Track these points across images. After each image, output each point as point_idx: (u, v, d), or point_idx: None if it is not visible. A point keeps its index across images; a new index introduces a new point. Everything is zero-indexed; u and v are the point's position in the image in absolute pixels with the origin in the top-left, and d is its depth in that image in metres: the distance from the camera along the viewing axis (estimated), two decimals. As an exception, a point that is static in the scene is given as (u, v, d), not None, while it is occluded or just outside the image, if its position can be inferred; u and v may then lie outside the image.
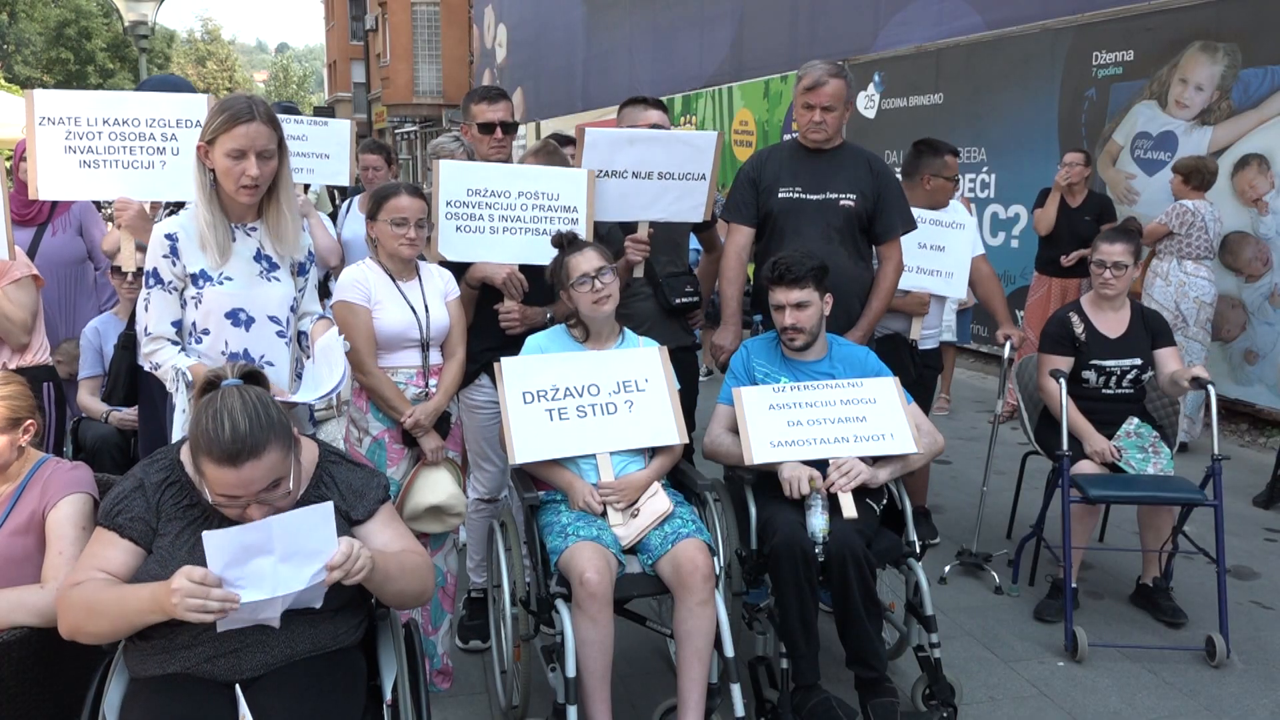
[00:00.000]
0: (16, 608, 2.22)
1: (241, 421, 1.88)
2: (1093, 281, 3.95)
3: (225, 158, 2.48)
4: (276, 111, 4.75)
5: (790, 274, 3.11)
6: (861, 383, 3.17)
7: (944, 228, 4.21)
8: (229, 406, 1.90)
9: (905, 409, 3.12)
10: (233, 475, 1.87)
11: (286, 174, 2.62)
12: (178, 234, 2.56)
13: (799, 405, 3.11)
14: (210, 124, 2.48)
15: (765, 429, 3.08)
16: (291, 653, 1.98)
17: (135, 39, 11.10)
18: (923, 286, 4.17)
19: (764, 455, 3.04)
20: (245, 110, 2.46)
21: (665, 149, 3.51)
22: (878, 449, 3.07)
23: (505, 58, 23.64)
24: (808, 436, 3.07)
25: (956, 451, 5.79)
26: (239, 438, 1.86)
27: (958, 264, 4.23)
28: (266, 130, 2.48)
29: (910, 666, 3.22)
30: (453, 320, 3.16)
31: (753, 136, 12.09)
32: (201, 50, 59.74)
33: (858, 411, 3.11)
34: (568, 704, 2.56)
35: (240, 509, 1.94)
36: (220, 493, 1.92)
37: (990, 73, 8.41)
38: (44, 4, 32.78)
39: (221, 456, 1.86)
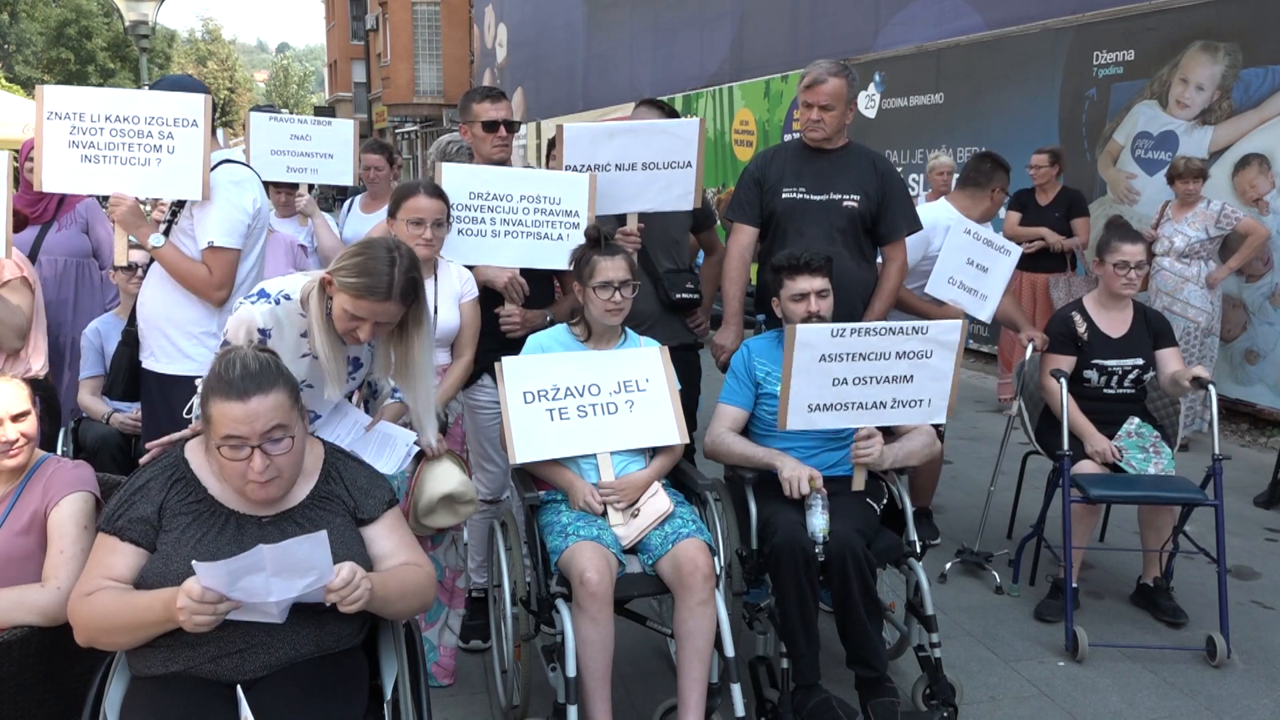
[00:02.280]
0: (17, 606, 2.22)
1: (252, 363, 2.01)
2: (1108, 281, 3.87)
3: (344, 315, 2.34)
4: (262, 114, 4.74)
5: (813, 263, 3.13)
6: (927, 328, 3.01)
7: (995, 250, 4.09)
8: (241, 354, 2.03)
9: (958, 362, 3.04)
10: (240, 409, 1.94)
11: (424, 337, 2.48)
12: (271, 330, 2.43)
13: (854, 356, 2.96)
14: (342, 271, 2.31)
15: (807, 387, 2.96)
16: (294, 654, 1.98)
17: (136, 39, 11.11)
18: (958, 302, 4.02)
19: (799, 421, 2.98)
20: (383, 289, 2.29)
21: (647, 139, 3.51)
22: (909, 418, 3.06)
23: (506, 57, 23.64)
24: (847, 400, 2.99)
25: (957, 451, 5.79)
26: (248, 374, 1.98)
27: (994, 289, 4.10)
28: (397, 309, 2.36)
29: (911, 666, 3.22)
30: (464, 322, 3.15)
31: (753, 136, 12.09)
32: (202, 50, 59.74)
33: (908, 368, 3.00)
34: (568, 703, 2.56)
35: (244, 461, 1.96)
36: (226, 432, 1.95)
37: (991, 73, 8.41)
38: (45, 4, 32.81)
39: (231, 391, 1.96)
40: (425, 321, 2.46)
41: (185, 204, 3.18)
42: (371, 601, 1.94)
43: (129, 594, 1.94)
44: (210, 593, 1.78)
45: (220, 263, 3.12)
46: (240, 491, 2.04)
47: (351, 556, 2.07)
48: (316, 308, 2.38)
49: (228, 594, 1.79)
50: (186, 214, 3.18)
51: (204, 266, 3.12)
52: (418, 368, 2.50)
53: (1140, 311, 3.95)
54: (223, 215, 3.12)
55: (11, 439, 2.36)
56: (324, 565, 1.83)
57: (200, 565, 1.78)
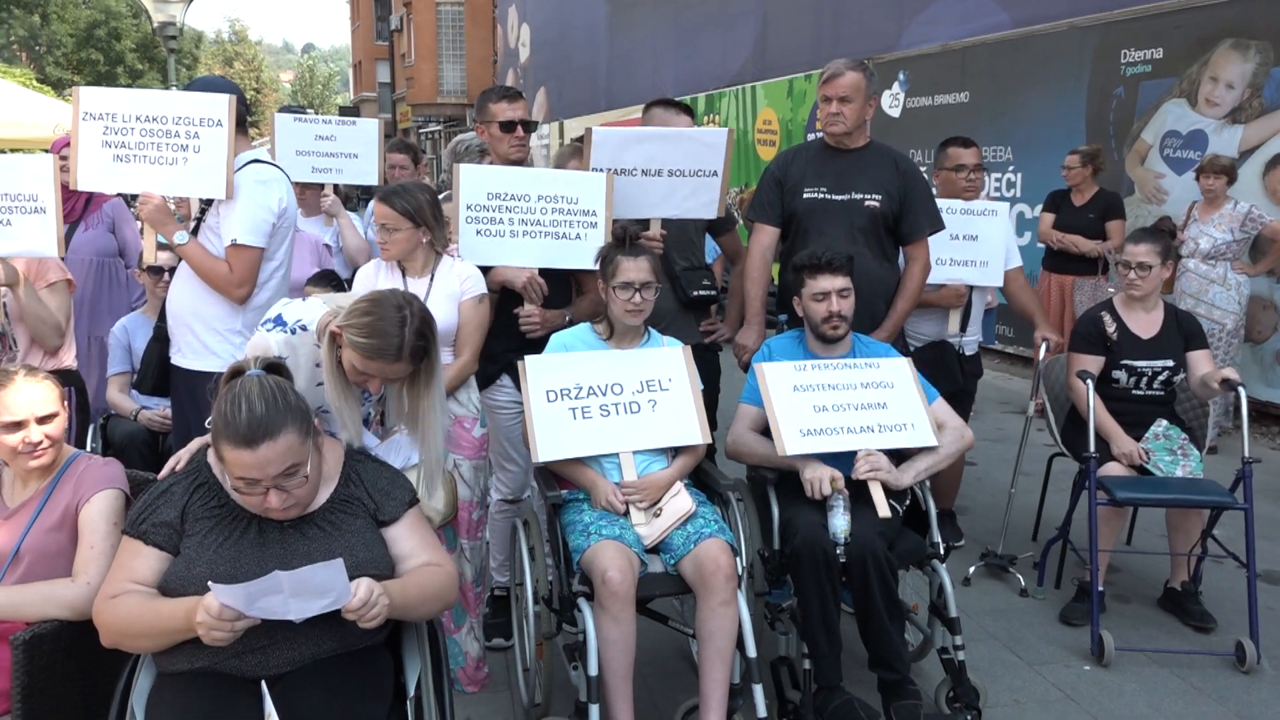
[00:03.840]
0: (48, 601, 2.25)
1: (258, 405, 1.94)
2: (1120, 282, 3.91)
3: (354, 369, 2.35)
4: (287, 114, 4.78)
5: (835, 262, 3.12)
6: (878, 363, 3.17)
7: (975, 216, 4.17)
8: (247, 391, 1.96)
9: (920, 395, 3.12)
10: (249, 456, 1.91)
11: (435, 395, 2.46)
12: (286, 358, 2.42)
13: (822, 386, 3.09)
14: (352, 329, 2.30)
15: (794, 416, 3.04)
16: (318, 650, 1.99)
17: (164, 40, 11.21)
18: (957, 279, 4.11)
19: (796, 446, 3.01)
20: (393, 352, 2.29)
21: (675, 146, 3.51)
22: (901, 440, 3.06)
23: (528, 57, 23.69)
24: (836, 425, 3.04)
25: (982, 453, 5.75)
26: (255, 420, 1.92)
27: (992, 251, 4.18)
28: (407, 368, 2.36)
29: (934, 669, 3.20)
30: (463, 320, 3.09)
31: (776, 136, 12.05)
32: (229, 51, 60.23)
33: (878, 396, 3.10)
34: (590, 702, 2.56)
35: (260, 495, 1.96)
36: (239, 475, 1.94)
37: (1016, 71, 8.34)
38: (74, 6, 33.19)
39: (238, 439, 1.91)
40: (436, 379, 2.44)
41: (213, 202, 3.21)
42: (392, 611, 1.95)
43: (152, 601, 1.96)
44: (228, 610, 1.80)
45: (242, 260, 3.15)
46: (265, 514, 2.05)
47: (374, 559, 2.09)
48: (327, 358, 2.37)
49: (246, 613, 1.81)
50: (214, 212, 3.21)
51: (225, 264, 3.15)
52: (426, 424, 2.47)
53: (1171, 313, 3.90)
54: (247, 214, 3.15)
55: (36, 440, 2.39)
56: (341, 588, 1.84)
57: (218, 587, 1.80)
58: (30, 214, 3.36)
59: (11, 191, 3.36)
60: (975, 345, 4.43)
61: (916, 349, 4.08)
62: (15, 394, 2.36)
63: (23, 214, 3.36)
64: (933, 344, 4.14)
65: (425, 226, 3.04)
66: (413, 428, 2.50)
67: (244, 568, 1.98)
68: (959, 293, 4.13)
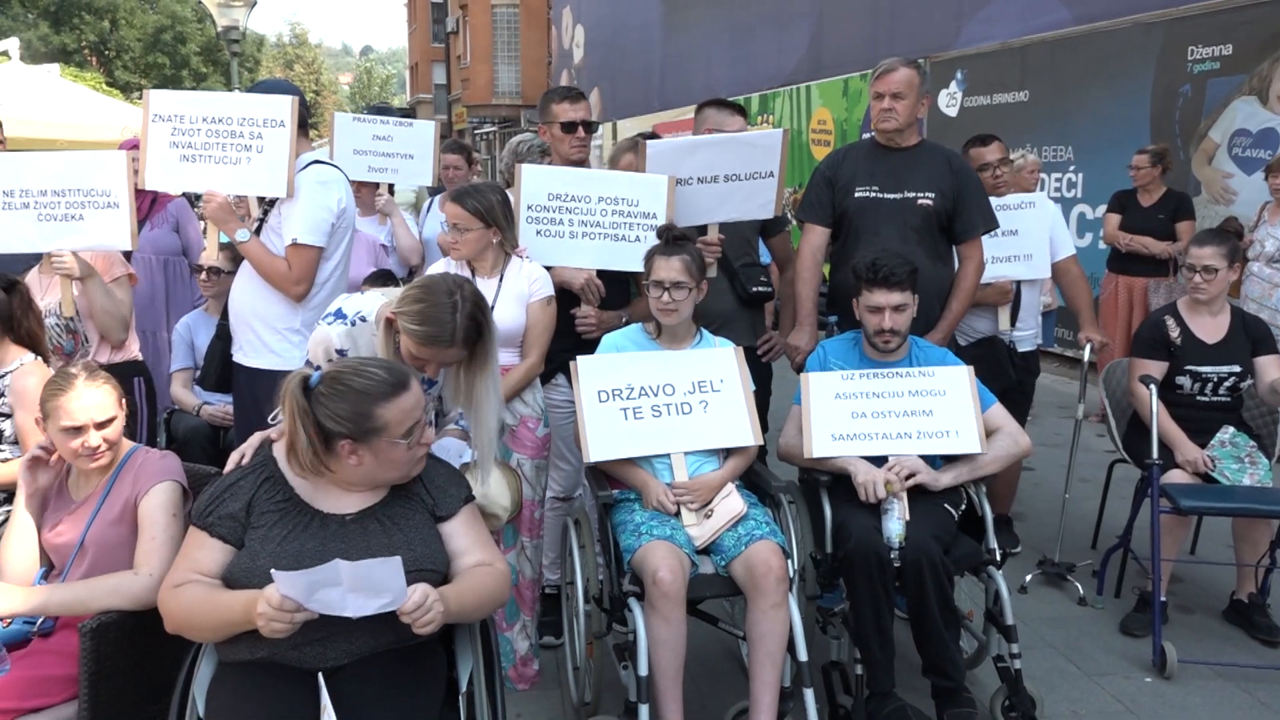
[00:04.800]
0: (113, 593, 2.32)
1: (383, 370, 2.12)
2: (1185, 285, 3.81)
3: (410, 355, 2.42)
4: (368, 114, 4.87)
5: (893, 276, 3.06)
6: (934, 371, 3.12)
7: (1012, 210, 4.10)
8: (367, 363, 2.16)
9: (975, 404, 3.06)
10: (410, 398, 2.07)
11: (488, 376, 2.51)
12: (347, 350, 2.52)
13: (866, 395, 3.08)
14: (405, 316, 2.39)
15: (828, 420, 3.06)
16: (374, 644, 2.02)
17: (227, 43, 11.45)
18: (1003, 275, 4.07)
19: (824, 449, 3.04)
20: (446, 337, 2.37)
21: (729, 152, 3.50)
22: (940, 447, 3.02)
23: (582, 58, 23.78)
24: (870, 430, 3.04)
25: (1040, 458, 5.64)
26: (393, 372, 2.11)
27: (1036, 244, 4.13)
28: (461, 351, 2.43)
29: (989, 677, 3.14)
30: (530, 322, 3.13)
31: (831, 136, 11.95)
32: (289, 54, 61.41)
33: (925, 404, 3.06)
34: (640, 702, 2.56)
35: (417, 441, 2.11)
36: (409, 425, 2.08)
37: (1078, 69, 8.17)
38: (142, 11, 34.08)
39: (394, 389, 2.07)
40: (490, 361, 2.50)
41: (275, 202, 3.28)
42: (448, 617, 1.98)
43: (214, 592, 2.01)
44: (288, 601, 1.83)
45: (300, 259, 3.20)
46: (405, 475, 2.15)
47: (430, 554, 2.12)
48: (385, 344, 2.44)
49: (305, 604, 1.84)
50: (275, 212, 3.28)
51: (284, 262, 3.21)
52: (480, 405, 2.53)
53: (1238, 317, 3.79)
54: (307, 214, 3.21)
55: (95, 445, 2.45)
56: (398, 589, 1.87)
57: (280, 574, 1.83)
58: (103, 209, 3.46)
59: (84, 187, 3.46)
60: (1032, 343, 4.34)
61: (967, 345, 4.03)
62: (76, 399, 2.41)
63: (95, 209, 3.46)
64: (983, 340, 4.09)
65: (496, 227, 3.07)
66: (468, 408, 2.56)
67: (306, 561, 2.01)
68: (1004, 289, 4.08)
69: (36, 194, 3.46)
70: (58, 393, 2.42)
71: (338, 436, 2.04)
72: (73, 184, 3.46)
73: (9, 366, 3.07)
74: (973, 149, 4.25)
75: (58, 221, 3.46)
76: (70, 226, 3.46)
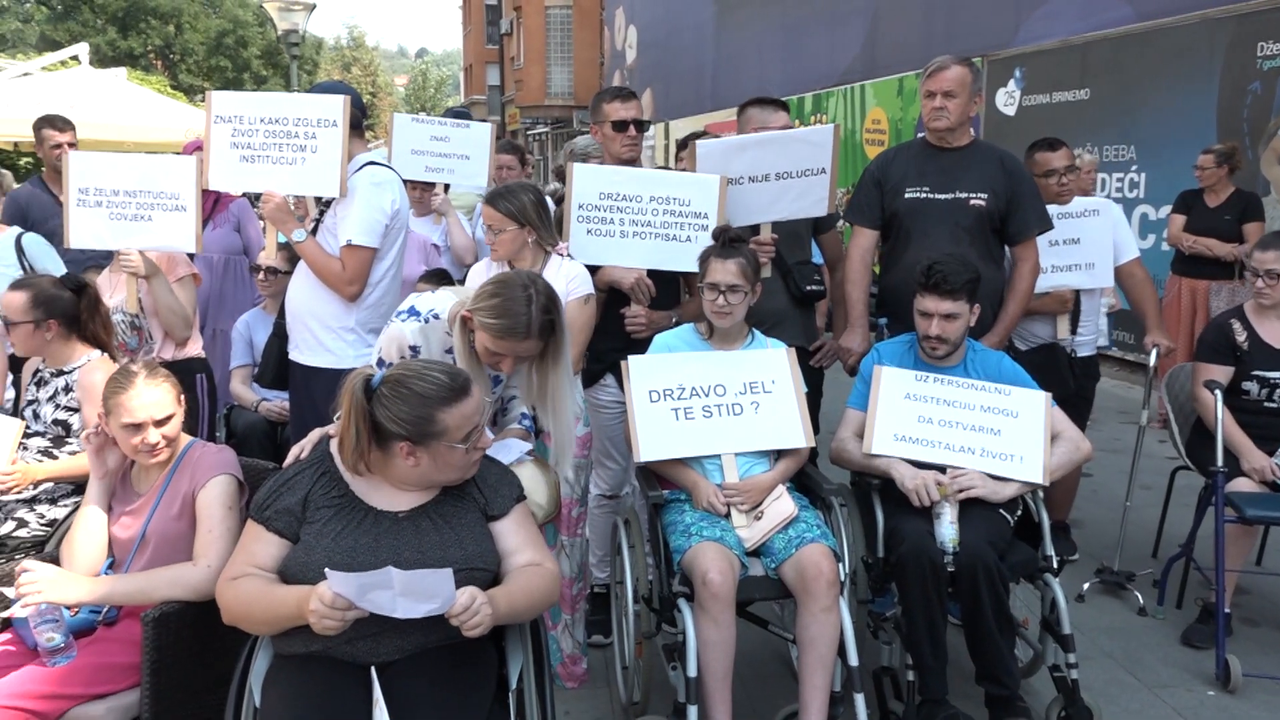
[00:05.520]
0: (173, 584, 2.38)
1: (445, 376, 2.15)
2: (1249, 289, 3.70)
3: (486, 350, 2.48)
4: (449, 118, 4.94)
5: (946, 284, 3.01)
6: (1011, 391, 3.06)
7: (1075, 219, 4.02)
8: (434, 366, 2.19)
9: (1047, 433, 2.99)
10: (470, 405, 2.12)
11: (563, 370, 2.57)
12: (420, 347, 2.58)
13: (937, 401, 3.04)
14: (481, 311, 2.45)
15: (893, 419, 3.03)
16: (425, 641, 2.05)
17: (287, 46, 11.67)
18: (1063, 284, 3.99)
19: (883, 446, 3.00)
20: (522, 330, 2.43)
21: (780, 150, 3.48)
22: (1002, 469, 2.97)
23: (635, 59, 23.82)
24: (934, 438, 3.00)
25: (1099, 464, 5.52)
26: (455, 378, 2.14)
27: (1098, 252, 4.03)
28: (536, 345, 2.49)
29: (1045, 686, 3.08)
30: (568, 320, 3.12)
31: (885, 136, 11.82)
32: (347, 56, 62.33)
33: (996, 422, 3.00)
34: (688, 703, 2.56)
35: (474, 444, 2.14)
36: (467, 430, 2.10)
37: (1142, 67, 7.98)
38: (206, 16, 34.85)
39: (455, 394, 2.11)
40: (564, 355, 2.55)
41: (331, 203, 3.33)
42: (498, 619, 2.00)
43: (269, 586, 2.05)
44: (340, 600, 1.86)
45: (355, 260, 3.25)
46: (460, 478, 2.18)
47: (481, 552, 2.15)
48: (460, 341, 2.51)
49: (356, 603, 1.87)
50: (331, 212, 3.33)
51: (339, 262, 3.25)
52: (556, 399, 2.59)
53: (1309, 320, 3.68)
54: (362, 215, 3.25)
55: (153, 442, 2.51)
56: (447, 595, 1.90)
57: (333, 574, 1.87)
58: (171, 211, 3.56)
59: (154, 189, 3.56)
60: (1092, 347, 4.25)
61: (1027, 350, 3.96)
62: (136, 397, 2.48)
63: (163, 211, 3.56)
64: (1043, 346, 4.01)
65: (530, 226, 3.09)
66: (543, 404, 2.61)
67: (359, 557, 2.05)
68: (1063, 298, 4.00)
69: (109, 193, 3.56)
70: (119, 390, 2.48)
71: (396, 438, 2.07)
72: (144, 185, 3.56)
73: (76, 362, 3.17)
74: (1039, 153, 4.14)
75: (127, 221, 3.56)
76: (139, 226, 3.56)
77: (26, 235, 4.24)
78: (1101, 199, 4.20)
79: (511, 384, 2.79)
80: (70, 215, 3.59)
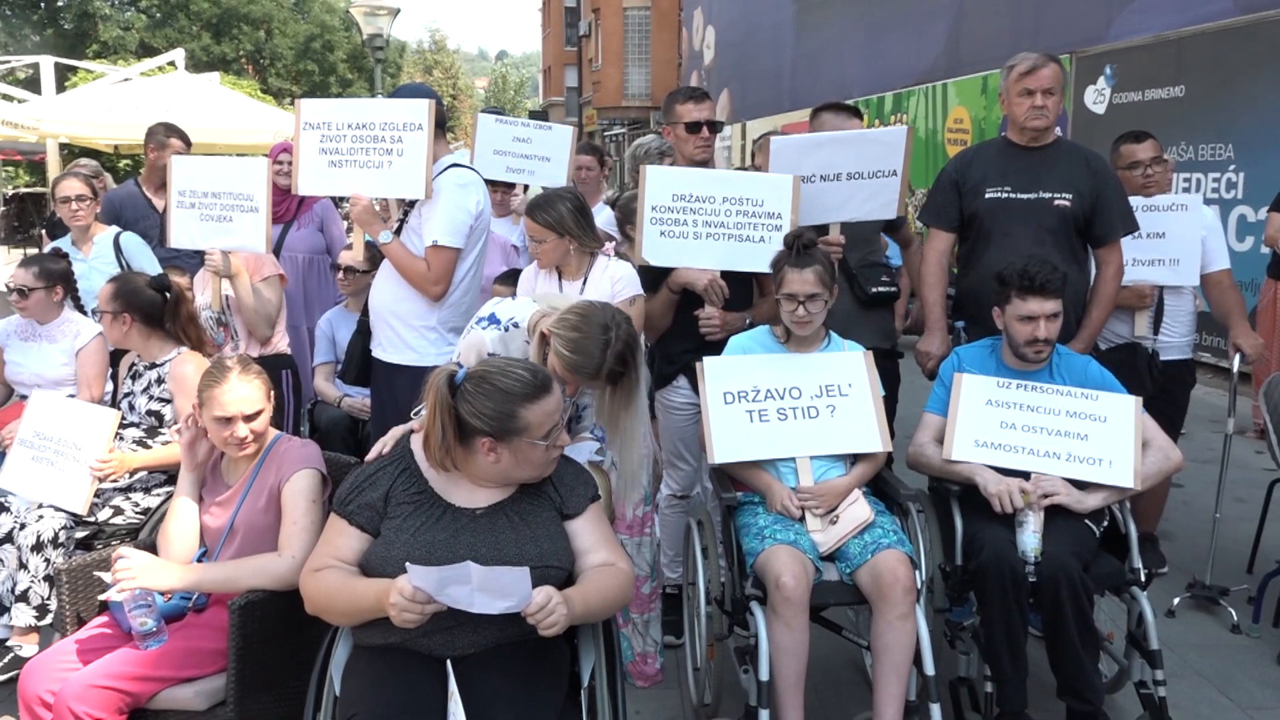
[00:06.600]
0: (260, 574, 2.45)
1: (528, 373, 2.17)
2: None
3: (555, 370, 2.47)
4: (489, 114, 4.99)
5: (1049, 284, 2.93)
6: (1098, 396, 2.97)
7: (1160, 212, 3.88)
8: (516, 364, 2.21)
9: (1138, 437, 2.90)
10: (551, 402, 2.14)
11: (634, 410, 2.57)
12: (498, 354, 2.60)
13: (1020, 406, 2.97)
14: (559, 339, 2.47)
15: (974, 424, 2.97)
16: (500, 636, 2.08)
17: (371, 50, 11.94)
18: (1143, 279, 3.84)
19: (964, 453, 2.94)
20: (591, 370, 2.45)
21: (854, 149, 3.45)
22: (1090, 475, 2.88)
23: (713, 59, 23.75)
24: (1017, 443, 2.93)
25: (1190, 474, 5.31)
26: (537, 374, 2.16)
27: (1184, 248, 3.88)
28: (600, 384, 2.51)
29: (1130, 703, 2.98)
30: None
31: (968, 135, 11.58)
32: (429, 59, 63.50)
33: (1082, 427, 2.92)
34: (760, 707, 2.54)
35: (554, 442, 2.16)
36: (549, 427, 2.13)
37: (1241, 62, 7.67)
38: (295, 21, 35.83)
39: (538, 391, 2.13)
40: (635, 400, 2.56)
41: (415, 204, 3.39)
42: (573, 619, 2.01)
43: (350, 579, 2.10)
44: (420, 593, 1.90)
45: (439, 260, 3.30)
46: (538, 476, 2.20)
47: (556, 550, 2.17)
48: (536, 354, 2.54)
49: (435, 597, 1.91)
50: (416, 213, 3.39)
51: (424, 262, 3.31)
52: (625, 435, 2.60)
53: None
54: (447, 216, 3.31)
55: (242, 437, 2.59)
56: (523, 594, 1.92)
57: (414, 568, 1.91)
58: (247, 213, 3.67)
59: (233, 191, 3.68)
60: (1182, 351, 4.08)
61: (1107, 349, 3.84)
62: (229, 392, 2.56)
63: (242, 212, 3.68)
64: (1123, 345, 3.89)
65: (569, 235, 3.12)
66: (612, 435, 2.63)
67: (437, 552, 2.09)
68: (1141, 293, 3.86)
69: (200, 195, 3.70)
70: (213, 384, 2.57)
71: (478, 433, 2.10)
72: (226, 187, 3.68)
73: (168, 356, 3.29)
74: (1124, 145, 4.03)
75: (213, 221, 3.69)
76: (222, 227, 3.69)
77: (124, 234, 4.42)
78: (1194, 198, 4.05)
79: (588, 390, 2.80)
80: (171, 216, 3.75)
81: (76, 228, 4.35)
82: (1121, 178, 3.96)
